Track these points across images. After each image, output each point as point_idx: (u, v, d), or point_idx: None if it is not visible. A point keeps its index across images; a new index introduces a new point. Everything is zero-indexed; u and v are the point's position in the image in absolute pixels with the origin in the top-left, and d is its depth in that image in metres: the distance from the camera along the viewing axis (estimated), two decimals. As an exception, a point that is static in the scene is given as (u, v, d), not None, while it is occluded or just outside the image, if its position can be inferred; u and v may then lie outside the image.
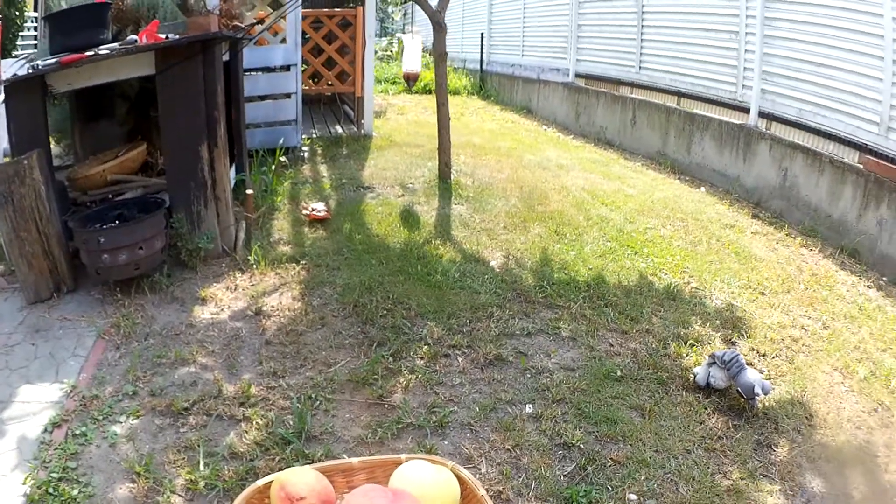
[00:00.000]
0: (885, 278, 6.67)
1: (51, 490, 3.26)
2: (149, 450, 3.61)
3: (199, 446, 3.62)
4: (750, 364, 4.69)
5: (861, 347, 5.23)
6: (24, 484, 3.32)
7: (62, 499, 3.23)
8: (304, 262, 5.96)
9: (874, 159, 6.99)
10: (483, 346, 4.74)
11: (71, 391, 4.07)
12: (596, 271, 6.10)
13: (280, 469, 3.07)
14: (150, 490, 3.33)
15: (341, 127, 11.75)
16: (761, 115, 9.00)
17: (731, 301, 5.77)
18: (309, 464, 2.67)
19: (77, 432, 3.70)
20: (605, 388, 4.38)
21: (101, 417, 3.84)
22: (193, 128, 5.66)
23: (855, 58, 7.32)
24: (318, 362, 4.48)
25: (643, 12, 11.77)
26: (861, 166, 7.18)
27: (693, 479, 3.66)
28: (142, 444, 3.66)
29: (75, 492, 3.28)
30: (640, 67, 12.05)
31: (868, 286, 6.42)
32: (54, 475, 3.36)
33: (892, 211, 6.73)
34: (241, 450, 3.61)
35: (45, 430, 3.73)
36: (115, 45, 5.60)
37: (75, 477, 3.40)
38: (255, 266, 5.78)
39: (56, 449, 3.57)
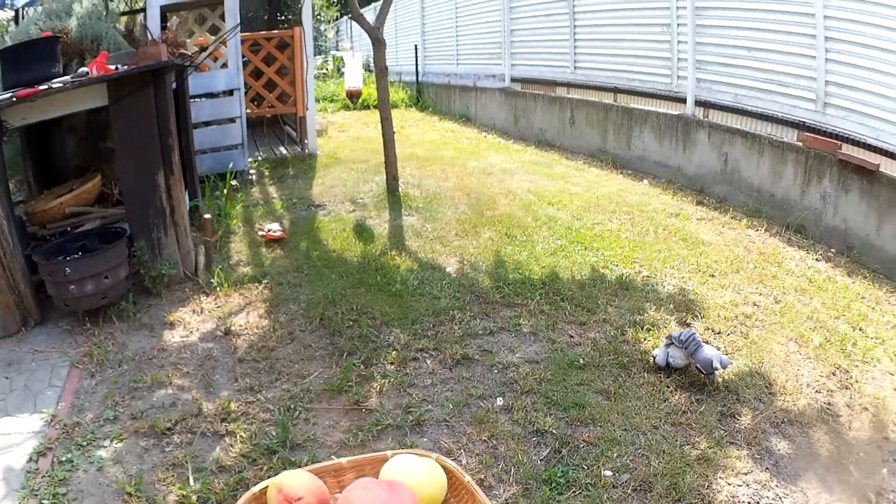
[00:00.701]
0: (832, 250, 6.92)
1: (43, 517, 3.33)
2: (137, 470, 3.69)
3: (186, 463, 3.71)
4: (706, 342, 4.85)
5: (814, 317, 5.46)
6: (16, 513, 3.39)
7: (55, 524, 3.30)
8: (265, 281, 6.06)
9: (813, 136, 7.24)
10: (449, 347, 4.90)
11: (51, 420, 4.13)
12: (549, 269, 6.27)
13: (269, 477, 3.17)
14: (144, 508, 3.42)
15: (285, 148, 11.82)
16: (698, 103, 9.24)
17: (683, 285, 5.97)
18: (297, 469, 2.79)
19: (63, 459, 3.76)
20: (569, 377, 4.56)
21: (84, 443, 3.91)
22: (149, 156, 5.73)
23: (787, 38, 7.57)
24: (293, 375, 4.59)
25: (574, 12, 11.96)
26: (801, 144, 7.43)
27: (663, 452, 3.84)
28: (129, 465, 3.74)
29: (68, 516, 3.35)
30: (574, 67, 12.25)
31: (817, 259, 6.67)
32: (45, 502, 3.42)
33: (835, 184, 6.96)
34: (229, 463, 3.72)
35: (31, 460, 3.78)
36: (68, 77, 5.64)
37: (66, 502, 3.46)
38: (218, 288, 5.88)
39: (43, 477, 3.62)
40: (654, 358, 4.69)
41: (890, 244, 6.40)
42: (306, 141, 11.30)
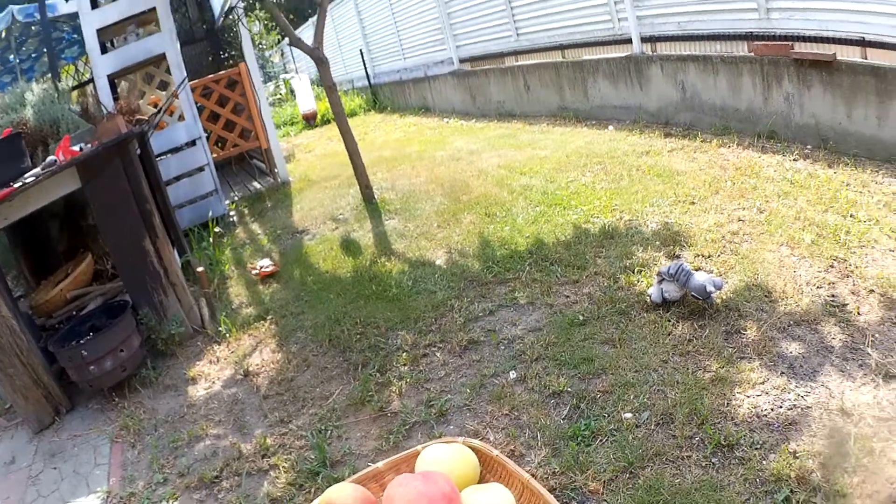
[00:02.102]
0: (808, 147, 7.05)
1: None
2: (197, 522, 3.91)
3: (240, 504, 3.94)
4: (698, 269, 5.00)
5: (801, 217, 5.58)
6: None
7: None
8: (269, 317, 6.24)
9: (763, 43, 7.37)
10: (454, 335, 5.07)
11: (108, 497, 4.31)
12: (533, 237, 6.41)
13: (318, 497, 3.37)
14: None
15: (258, 182, 11.95)
16: (644, 40, 9.39)
17: (665, 220, 6.10)
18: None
19: (127, 529, 3.97)
20: (573, 335, 4.70)
21: (144, 509, 4.11)
22: (131, 226, 5.88)
23: None
24: (317, 398, 4.79)
25: (505, -21, 12.00)
26: (752, 54, 7.56)
27: (677, 383, 3.98)
28: (189, 518, 3.96)
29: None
30: (517, 34, 12.41)
31: (794, 160, 6.79)
32: None
33: (795, 83, 7.08)
34: (279, 494, 3.92)
35: None
36: (38, 169, 5.73)
37: None
38: (227, 335, 6.06)
39: None
40: (650, 297, 4.82)
41: (864, 126, 6.51)
42: (276, 170, 11.43)
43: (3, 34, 10.12)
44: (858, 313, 4.31)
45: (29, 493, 4.61)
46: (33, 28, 10.62)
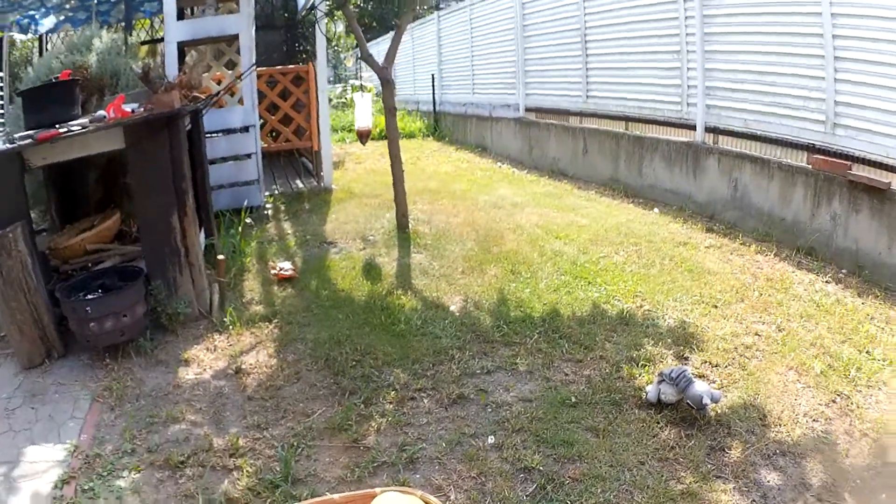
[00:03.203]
0: (843, 271, 6.99)
1: (70, 542, 3.56)
2: (153, 500, 3.93)
3: (198, 495, 3.94)
4: (702, 376, 4.99)
5: (817, 343, 5.52)
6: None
7: (83, 549, 3.52)
8: (276, 320, 6.29)
9: (822, 157, 7.34)
10: (446, 386, 5.08)
11: (74, 451, 4.36)
12: (550, 306, 6.41)
13: None
14: (160, 536, 3.66)
15: (301, 181, 12.05)
16: (708, 129, 9.38)
17: (684, 318, 6.06)
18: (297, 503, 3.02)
19: (85, 488, 4.01)
20: (561, 415, 4.68)
21: (105, 474, 4.14)
22: (164, 199, 5.96)
23: (796, 60, 7.68)
24: (297, 413, 4.81)
25: (586, 41, 12.17)
26: (810, 166, 7.54)
27: (647, 487, 3.93)
28: (146, 496, 3.97)
29: (93, 541, 3.58)
30: (587, 96, 12.44)
31: (826, 282, 6.74)
32: None
33: (845, 205, 7.06)
34: (236, 495, 3.95)
35: (56, 487, 4.02)
36: (86, 120, 5.88)
37: None
38: (230, 327, 6.11)
39: (68, 503, 3.89)
40: (647, 394, 4.78)
41: None
42: (322, 174, 11.53)
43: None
44: (847, 455, 4.24)
45: (1, 424, 4.70)
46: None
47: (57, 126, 5.68)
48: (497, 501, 3.90)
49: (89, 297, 5.63)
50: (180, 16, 9.45)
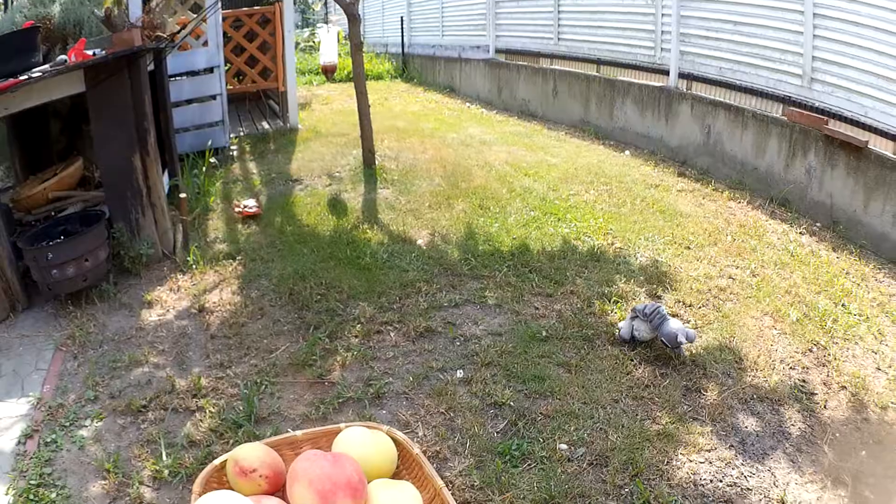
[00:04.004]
0: (817, 224, 6.95)
1: (31, 496, 3.48)
2: (115, 448, 3.86)
3: (159, 439, 3.87)
4: (675, 315, 4.93)
5: (793, 292, 5.48)
6: (6, 494, 3.54)
7: (42, 503, 3.46)
8: (239, 257, 6.21)
9: (798, 110, 7.30)
10: (413, 319, 5.03)
11: (37, 403, 4.27)
12: (520, 240, 6.37)
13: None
14: (121, 484, 3.58)
15: (268, 122, 11.89)
16: (681, 75, 9.35)
17: (656, 257, 6.03)
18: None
19: (48, 440, 3.92)
20: (531, 349, 4.63)
21: (67, 424, 4.06)
22: (125, 139, 5.84)
23: (774, 14, 7.63)
24: (261, 350, 4.75)
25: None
26: (785, 118, 7.49)
27: (622, 426, 3.87)
28: (108, 443, 3.91)
29: (53, 495, 3.50)
30: (558, 39, 12.34)
31: (800, 233, 6.70)
32: (32, 482, 3.58)
33: (821, 158, 7.00)
34: (198, 437, 3.89)
35: (19, 442, 3.93)
36: (47, 66, 5.72)
37: (52, 481, 3.61)
38: (194, 266, 6.02)
39: (31, 458, 3.78)
40: (619, 331, 4.72)
41: (878, 221, 6.41)
42: (288, 115, 11.38)
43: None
44: (825, 406, 4.19)
45: (-35, 382, 4.60)
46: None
47: (17, 75, 5.53)
48: (467, 438, 3.85)
49: (50, 243, 5.50)
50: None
